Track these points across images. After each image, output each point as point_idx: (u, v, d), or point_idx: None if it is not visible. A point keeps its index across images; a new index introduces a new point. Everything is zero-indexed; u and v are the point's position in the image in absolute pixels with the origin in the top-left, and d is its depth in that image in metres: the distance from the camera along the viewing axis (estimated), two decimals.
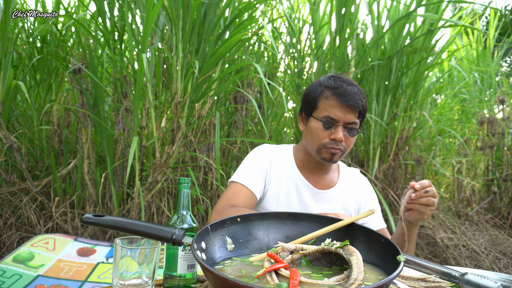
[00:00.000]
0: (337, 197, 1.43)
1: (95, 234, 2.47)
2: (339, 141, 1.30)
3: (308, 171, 1.43)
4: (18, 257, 1.95)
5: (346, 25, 2.72)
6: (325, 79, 1.36)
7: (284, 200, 1.40)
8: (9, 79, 2.25)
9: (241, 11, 2.31)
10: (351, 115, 1.29)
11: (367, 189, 1.50)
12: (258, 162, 1.42)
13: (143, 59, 1.94)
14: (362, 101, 1.31)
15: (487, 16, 5.55)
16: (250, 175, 1.38)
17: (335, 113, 1.29)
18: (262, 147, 1.48)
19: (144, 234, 0.86)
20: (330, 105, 1.30)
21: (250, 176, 1.38)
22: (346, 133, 1.31)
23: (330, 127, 1.30)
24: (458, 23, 2.88)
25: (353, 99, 1.28)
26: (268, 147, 1.47)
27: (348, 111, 1.29)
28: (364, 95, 1.34)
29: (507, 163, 3.82)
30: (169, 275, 0.93)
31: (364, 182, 1.51)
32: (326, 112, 1.30)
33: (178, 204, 0.96)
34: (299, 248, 0.89)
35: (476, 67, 4.06)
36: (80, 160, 2.59)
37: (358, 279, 0.72)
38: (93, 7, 3.09)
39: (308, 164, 1.42)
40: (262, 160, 1.43)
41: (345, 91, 1.29)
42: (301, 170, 1.43)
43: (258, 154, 1.45)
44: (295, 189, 1.40)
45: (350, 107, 1.28)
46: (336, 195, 1.43)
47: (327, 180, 1.44)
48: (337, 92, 1.30)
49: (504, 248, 3.06)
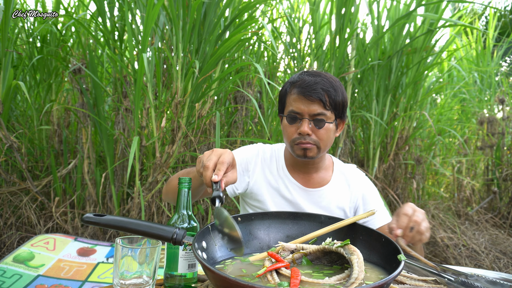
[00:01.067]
0: (330, 195, 1.38)
1: (95, 234, 2.47)
2: (305, 135, 1.25)
3: (298, 171, 1.39)
4: (18, 257, 1.95)
5: (346, 25, 2.72)
6: (293, 76, 1.33)
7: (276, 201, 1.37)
8: (9, 79, 2.25)
9: (241, 11, 2.31)
10: (315, 106, 1.24)
11: (364, 185, 1.44)
12: (240, 156, 1.39)
13: (143, 59, 1.94)
14: (329, 91, 1.25)
15: (486, 16, 5.55)
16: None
17: (297, 106, 1.26)
18: (253, 145, 1.46)
19: (145, 234, 0.86)
20: (293, 100, 1.28)
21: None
22: (313, 125, 1.26)
23: (295, 121, 1.27)
24: (458, 22, 2.88)
25: (312, 90, 1.23)
26: (260, 147, 1.45)
27: (309, 103, 1.24)
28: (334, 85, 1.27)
29: (507, 163, 3.82)
30: (170, 275, 0.93)
31: (360, 178, 1.45)
32: (291, 107, 1.28)
33: (178, 203, 0.96)
34: (300, 247, 0.89)
35: (476, 67, 4.07)
36: (80, 160, 2.59)
37: (359, 278, 0.72)
38: (93, 7, 3.09)
39: (296, 163, 1.39)
40: (246, 156, 1.40)
41: (304, 82, 1.25)
42: (290, 170, 1.40)
43: (245, 149, 1.43)
44: (287, 189, 1.37)
45: (310, 98, 1.23)
46: (329, 193, 1.38)
47: (318, 178, 1.40)
48: (296, 84, 1.27)
49: (504, 248, 3.06)
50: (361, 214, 0.99)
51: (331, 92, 1.25)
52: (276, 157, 1.42)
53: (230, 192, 1.37)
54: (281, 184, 1.38)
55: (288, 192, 1.37)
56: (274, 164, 1.41)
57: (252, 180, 1.38)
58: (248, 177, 1.38)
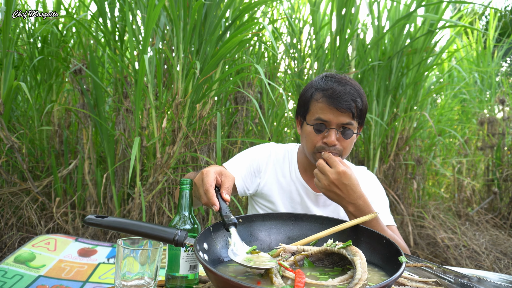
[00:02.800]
0: None
1: (96, 234, 2.47)
2: (331, 145, 1.24)
3: (310, 174, 1.38)
4: (19, 258, 1.95)
5: (347, 26, 2.72)
6: (317, 80, 1.31)
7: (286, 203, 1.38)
8: (10, 80, 2.25)
9: (241, 12, 2.31)
10: (344, 117, 1.23)
11: (373, 188, 1.43)
12: (252, 157, 1.39)
13: (144, 60, 1.94)
14: (357, 101, 1.24)
15: (486, 16, 5.56)
16: (237, 164, 1.36)
17: (325, 115, 1.24)
18: (266, 145, 1.45)
19: (147, 235, 0.86)
20: (320, 108, 1.25)
21: (237, 165, 1.35)
22: (340, 135, 1.25)
23: (322, 131, 1.25)
24: (458, 23, 2.88)
25: (344, 101, 1.21)
26: (273, 148, 1.44)
27: (339, 113, 1.23)
28: (360, 93, 1.26)
29: (507, 163, 3.82)
30: (171, 276, 0.94)
31: (370, 181, 1.45)
32: (317, 115, 1.25)
33: (179, 205, 0.97)
34: (301, 249, 0.89)
35: (476, 67, 4.07)
36: (80, 161, 2.60)
37: (363, 279, 0.72)
38: (94, 8, 3.10)
39: (309, 167, 1.38)
40: (258, 157, 1.39)
41: (335, 92, 1.23)
42: (302, 173, 1.39)
43: (258, 150, 1.42)
44: (297, 192, 1.38)
45: (341, 110, 1.22)
46: None
47: None
48: (326, 94, 1.24)
49: (505, 248, 3.06)
50: (363, 217, 0.99)
51: (359, 102, 1.24)
52: (289, 158, 1.41)
53: (241, 192, 1.37)
54: (292, 187, 1.38)
55: (298, 195, 1.37)
56: (286, 166, 1.40)
57: (263, 181, 1.38)
58: (260, 178, 1.38)
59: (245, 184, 1.37)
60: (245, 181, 1.37)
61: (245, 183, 1.37)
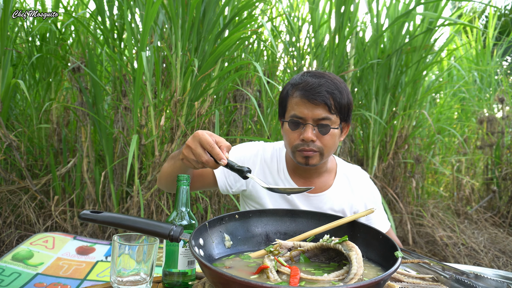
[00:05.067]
0: (332, 200, 1.31)
1: (95, 232, 2.47)
2: (308, 141, 1.16)
3: (299, 175, 1.32)
4: (17, 256, 1.95)
5: (346, 24, 2.71)
6: (294, 77, 1.24)
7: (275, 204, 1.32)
8: (9, 78, 2.25)
9: (240, 10, 2.31)
10: (319, 110, 1.15)
11: (367, 192, 1.38)
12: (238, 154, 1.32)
13: (142, 58, 1.94)
14: (334, 93, 1.16)
15: (486, 15, 5.56)
16: None
17: (300, 110, 1.16)
18: (255, 144, 1.39)
19: (142, 231, 0.86)
20: (295, 103, 1.18)
21: None
22: (317, 131, 1.17)
23: (298, 127, 1.18)
24: (457, 21, 2.88)
25: (317, 93, 1.14)
26: (261, 146, 1.37)
27: (313, 107, 1.15)
28: (338, 86, 1.18)
29: (506, 162, 3.82)
30: (169, 272, 0.93)
31: (364, 184, 1.39)
32: (293, 111, 1.18)
33: (177, 201, 0.96)
34: (297, 245, 0.89)
35: (476, 66, 4.07)
36: (79, 159, 2.59)
37: (358, 274, 0.72)
38: (93, 6, 3.09)
39: (297, 167, 1.31)
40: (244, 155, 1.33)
41: (308, 84, 1.15)
42: (291, 174, 1.32)
43: (245, 148, 1.36)
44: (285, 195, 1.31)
45: (314, 102, 1.14)
46: (330, 198, 1.31)
47: (319, 183, 1.32)
48: (299, 87, 1.17)
49: (503, 247, 3.06)
50: (360, 213, 0.99)
51: (336, 95, 1.16)
52: (277, 158, 1.35)
53: (222, 189, 1.32)
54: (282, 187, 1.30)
55: (289, 196, 1.31)
56: (275, 165, 1.34)
57: (250, 182, 1.32)
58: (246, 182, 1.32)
59: (227, 180, 1.31)
60: (227, 178, 1.31)
61: (228, 179, 1.31)
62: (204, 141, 0.97)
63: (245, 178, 0.97)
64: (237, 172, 0.97)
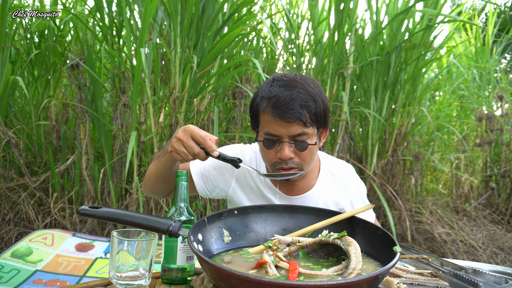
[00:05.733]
0: (316, 199, 1.27)
1: (94, 229, 2.47)
2: (286, 160, 1.10)
3: None
4: (16, 252, 1.95)
5: (345, 21, 2.71)
6: (263, 86, 1.14)
7: None
8: (7, 75, 2.24)
9: (239, 6, 2.30)
10: (294, 127, 1.07)
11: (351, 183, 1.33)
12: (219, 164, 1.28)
13: (141, 54, 1.94)
14: (309, 105, 1.08)
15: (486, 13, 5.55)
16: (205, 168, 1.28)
17: (273, 128, 1.09)
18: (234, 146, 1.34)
19: (141, 226, 0.86)
20: (268, 121, 1.10)
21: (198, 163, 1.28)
22: (294, 148, 1.11)
23: (273, 145, 1.11)
24: (457, 18, 2.87)
25: (290, 110, 1.05)
26: (239, 149, 1.32)
27: (287, 125, 1.07)
28: (312, 94, 1.09)
29: (505, 159, 3.83)
30: (168, 268, 0.94)
31: (347, 176, 1.33)
32: (266, 129, 1.11)
33: (175, 196, 0.96)
34: (296, 240, 0.89)
35: (475, 64, 4.06)
36: (78, 156, 2.59)
37: (357, 269, 0.72)
38: (91, 2, 3.08)
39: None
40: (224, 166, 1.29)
41: (279, 100, 1.06)
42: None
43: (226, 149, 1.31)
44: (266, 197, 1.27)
45: (288, 120, 1.06)
46: (314, 197, 1.27)
47: (302, 184, 1.27)
48: (271, 103, 1.08)
49: (502, 243, 3.07)
50: (358, 209, 0.99)
51: (311, 106, 1.08)
52: (256, 160, 1.29)
53: (201, 192, 1.29)
54: (263, 191, 1.27)
55: (270, 201, 1.27)
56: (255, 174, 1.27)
57: (230, 188, 1.28)
58: (225, 181, 1.29)
59: (206, 185, 1.29)
60: (206, 183, 1.29)
61: (206, 184, 1.29)
62: (196, 135, 1.01)
63: (237, 167, 1.05)
64: (230, 162, 1.04)
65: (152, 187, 1.26)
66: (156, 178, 1.21)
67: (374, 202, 3.01)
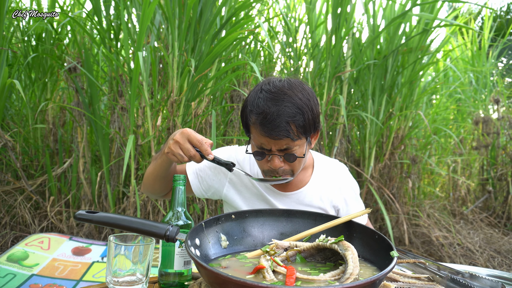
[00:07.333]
0: (310, 196, 1.29)
1: (90, 233, 2.46)
2: (277, 169, 1.15)
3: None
4: (12, 256, 1.93)
5: (342, 25, 2.72)
6: (252, 96, 1.15)
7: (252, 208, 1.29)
8: (4, 78, 2.24)
9: (237, 10, 2.31)
10: (282, 142, 1.11)
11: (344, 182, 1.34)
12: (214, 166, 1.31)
13: (139, 58, 1.94)
14: (296, 119, 1.09)
15: (482, 17, 5.59)
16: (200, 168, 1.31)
17: (262, 142, 1.13)
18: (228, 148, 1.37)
19: (138, 231, 0.85)
20: (257, 134, 1.13)
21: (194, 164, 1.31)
22: (284, 159, 1.15)
23: (264, 156, 1.16)
24: (453, 22, 2.89)
25: (277, 128, 1.07)
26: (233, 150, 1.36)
27: (275, 142, 1.11)
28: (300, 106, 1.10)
29: (501, 163, 3.84)
30: (165, 272, 0.93)
31: (341, 175, 1.35)
32: (256, 141, 1.15)
33: (173, 201, 0.96)
34: (293, 245, 0.89)
35: (471, 67, 4.09)
36: (75, 159, 2.58)
37: (354, 273, 0.72)
38: (89, 6, 3.08)
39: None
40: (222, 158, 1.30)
41: (266, 118, 1.08)
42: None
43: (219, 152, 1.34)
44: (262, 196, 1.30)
45: (275, 138, 1.09)
46: (307, 194, 1.29)
47: (296, 181, 1.30)
48: (259, 119, 1.10)
49: (499, 247, 3.08)
50: (355, 213, 0.99)
51: (298, 120, 1.09)
52: (250, 161, 1.32)
53: (197, 192, 1.33)
54: (258, 190, 1.30)
55: (263, 199, 1.30)
56: (247, 168, 1.32)
57: (224, 187, 1.31)
58: (219, 180, 1.31)
59: (201, 185, 1.32)
60: (201, 182, 1.31)
61: (201, 185, 1.32)
62: (193, 138, 1.07)
63: (231, 171, 1.11)
64: (223, 166, 1.10)
65: (150, 187, 1.30)
66: (153, 178, 1.26)
67: (372, 206, 3.01)
